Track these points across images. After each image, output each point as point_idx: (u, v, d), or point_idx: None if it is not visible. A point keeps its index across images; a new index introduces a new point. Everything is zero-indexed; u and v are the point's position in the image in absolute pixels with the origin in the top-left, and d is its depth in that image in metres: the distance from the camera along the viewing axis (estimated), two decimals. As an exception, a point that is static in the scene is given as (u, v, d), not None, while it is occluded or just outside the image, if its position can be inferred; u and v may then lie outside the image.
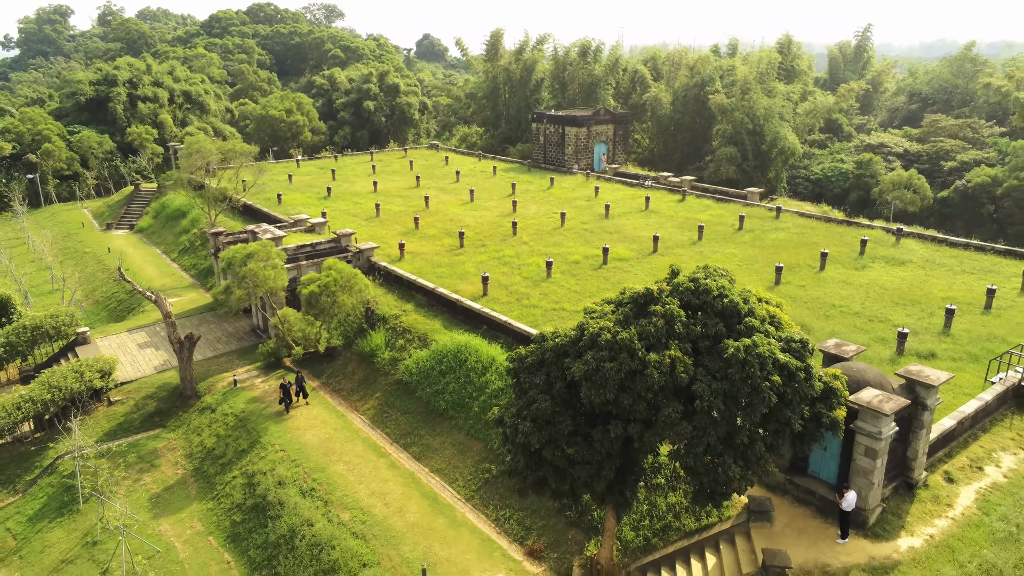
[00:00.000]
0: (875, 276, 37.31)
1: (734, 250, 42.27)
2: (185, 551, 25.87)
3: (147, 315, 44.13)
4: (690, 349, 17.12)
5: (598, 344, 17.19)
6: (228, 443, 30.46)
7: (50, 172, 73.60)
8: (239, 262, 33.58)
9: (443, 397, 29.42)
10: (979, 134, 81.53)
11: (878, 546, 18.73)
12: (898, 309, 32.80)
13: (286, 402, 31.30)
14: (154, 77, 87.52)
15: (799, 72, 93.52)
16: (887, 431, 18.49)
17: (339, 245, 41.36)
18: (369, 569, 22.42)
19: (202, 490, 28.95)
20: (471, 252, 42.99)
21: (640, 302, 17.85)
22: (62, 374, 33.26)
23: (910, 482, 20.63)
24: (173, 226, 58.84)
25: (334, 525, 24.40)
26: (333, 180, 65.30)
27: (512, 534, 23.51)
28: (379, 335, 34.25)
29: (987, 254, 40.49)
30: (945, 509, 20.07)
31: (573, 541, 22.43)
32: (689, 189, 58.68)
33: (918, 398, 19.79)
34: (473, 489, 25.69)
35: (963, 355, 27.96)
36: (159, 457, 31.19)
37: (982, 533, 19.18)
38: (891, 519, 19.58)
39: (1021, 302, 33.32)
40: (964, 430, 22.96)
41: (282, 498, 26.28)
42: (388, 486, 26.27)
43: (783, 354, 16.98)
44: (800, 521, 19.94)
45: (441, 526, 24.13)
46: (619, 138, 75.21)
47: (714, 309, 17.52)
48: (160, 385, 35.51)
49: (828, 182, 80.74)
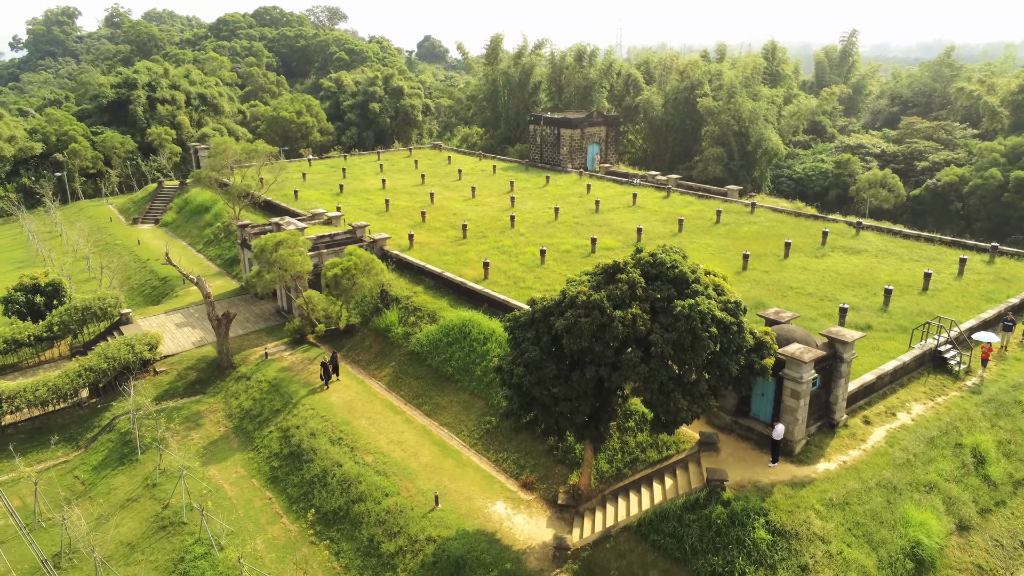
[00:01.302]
0: (832, 263, 42.04)
1: (710, 241, 46.99)
2: (232, 491, 30.56)
3: (180, 299, 48.81)
4: (648, 308, 21.81)
5: (576, 304, 21.89)
6: (263, 405, 35.16)
7: (76, 170, 78.27)
8: (271, 249, 38.29)
9: (450, 364, 34.14)
10: (952, 136, 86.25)
11: (800, 468, 23.44)
12: (847, 291, 37.53)
13: (326, 379, 35.42)
14: (171, 80, 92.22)
15: (783, 76, 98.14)
16: (807, 376, 23.19)
17: (355, 236, 46.02)
18: (390, 498, 27.12)
19: (243, 443, 33.64)
20: (473, 242, 47.70)
21: (609, 272, 22.58)
22: (116, 347, 38.00)
23: (832, 422, 25.35)
24: (197, 220, 63.52)
25: (360, 466, 29.12)
26: (344, 178, 69.97)
27: (509, 471, 28.21)
28: (393, 313, 38.98)
29: (935, 244, 45.23)
30: (859, 443, 24.79)
31: (559, 475, 27.15)
32: (674, 187, 63.37)
33: (836, 352, 24.50)
34: (476, 437, 30.40)
35: (895, 327, 32.68)
36: (203, 417, 35.87)
37: (885, 460, 23.92)
38: (813, 449, 24.30)
39: (955, 285, 38.06)
40: (884, 384, 27.67)
41: (314, 446, 30.99)
42: (404, 436, 30.99)
43: (721, 312, 21.71)
44: (741, 452, 24.65)
45: (449, 466, 28.83)
46: (611, 139, 79.87)
47: (667, 277, 22.22)
48: (199, 358, 40.21)
49: (809, 181, 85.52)
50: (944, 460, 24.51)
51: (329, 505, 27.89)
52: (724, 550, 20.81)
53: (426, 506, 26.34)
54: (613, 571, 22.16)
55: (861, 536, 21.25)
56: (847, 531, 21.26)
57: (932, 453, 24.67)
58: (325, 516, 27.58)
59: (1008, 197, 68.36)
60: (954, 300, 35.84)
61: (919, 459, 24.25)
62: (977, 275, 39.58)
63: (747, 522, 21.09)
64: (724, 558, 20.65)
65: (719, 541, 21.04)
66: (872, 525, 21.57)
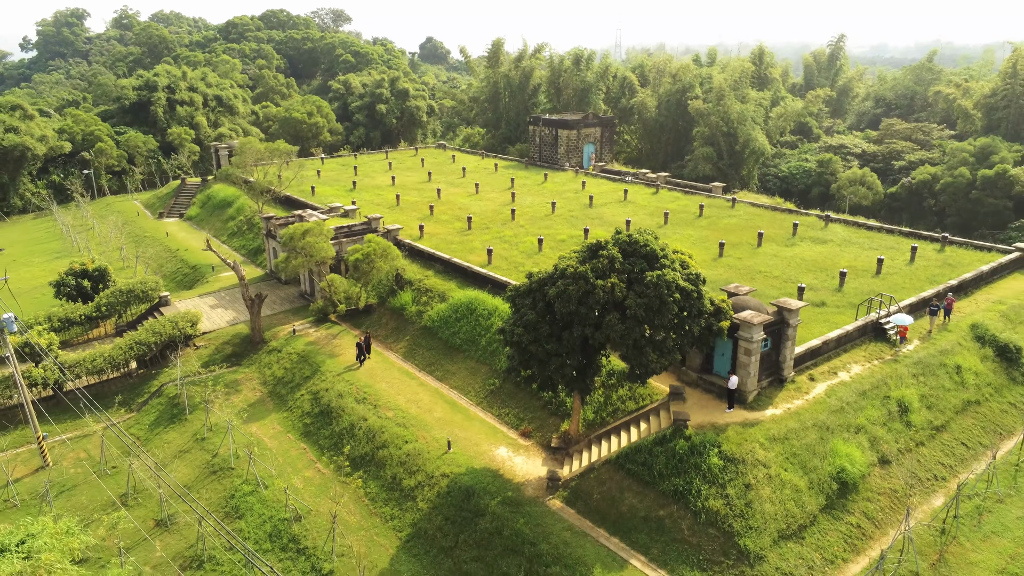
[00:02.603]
0: (799, 251, 46.90)
1: (691, 232, 51.86)
2: (271, 443, 35.42)
3: (211, 285, 53.68)
4: (625, 279, 26.64)
5: (565, 275, 26.75)
6: (294, 373, 40.02)
7: (103, 168, 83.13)
8: (299, 237, 43.16)
9: (458, 336, 39.01)
10: (929, 137, 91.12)
11: (751, 413, 28.30)
12: (809, 274, 42.38)
13: (361, 358, 39.56)
14: (189, 83, 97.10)
15: (771, 80, 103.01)
16: (757, 337, 28.04)
17: (370, 226, 50.84)
18: (409, 444, 31.98)
19: (277, 405, 38.50)
20: (477, 233, 52.55)
21: (593, 249, 27.44)
22: (162, 323, 42.90)
23: (782, 378, 30.21)
24: (220, 214, 68.37)
25: (382, 420, 33.99)
26: (355, 175, 74.84)
27: (509, 423, 33.08)
28: (407, 294, 43.85)
29: (894, 235, 50.10)
30: (803, 395, 29.64)
31: (552, 424, 32.02)
32: (662, 184, 68.23)
33: (783, 318, 29.36)
34: (481, 397, 35.26)
35: (846, 304, 37.53)
36: (240, 384, 40.72)
37: (822, 407, 28.79)
38: (764, 399, 29.15)
39: (905, 269, 42.92)
40: (829, 349, 32.52)
41: (342, 405, 35.86)
42: (419, 396, 35.86)
43: (684, 281, 26.56)
44: (704, 401, 29.50)
45: (459, 420, 33.69)
46: (605, 139, 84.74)
47: (641, 254, 27.07)
48: (233, 335, 45.07)
49: (794, 179, 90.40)
50: (872, 408, 29.39)
51: (357, 452, 32.74)
52: (685, 473, 25.69)
53: (440, 450, 31.19)
54: (596, 495, 27.04)
55: (796, 463, 26.13)
56: (785, 459, 26.14)
57: (863, 403, 29.55)
58: (354, 461, 32.41)
59: (976, 194, 73.21)
60: (902, 282, 40.69)
61: (851, 407, 29.13)
62: (927, 261, 44.44)
63: (704, 451, 25.96)
64: (684, 479, 25.53)
65: (681, 466, 25.92)
66: (806, 455, 26.45)
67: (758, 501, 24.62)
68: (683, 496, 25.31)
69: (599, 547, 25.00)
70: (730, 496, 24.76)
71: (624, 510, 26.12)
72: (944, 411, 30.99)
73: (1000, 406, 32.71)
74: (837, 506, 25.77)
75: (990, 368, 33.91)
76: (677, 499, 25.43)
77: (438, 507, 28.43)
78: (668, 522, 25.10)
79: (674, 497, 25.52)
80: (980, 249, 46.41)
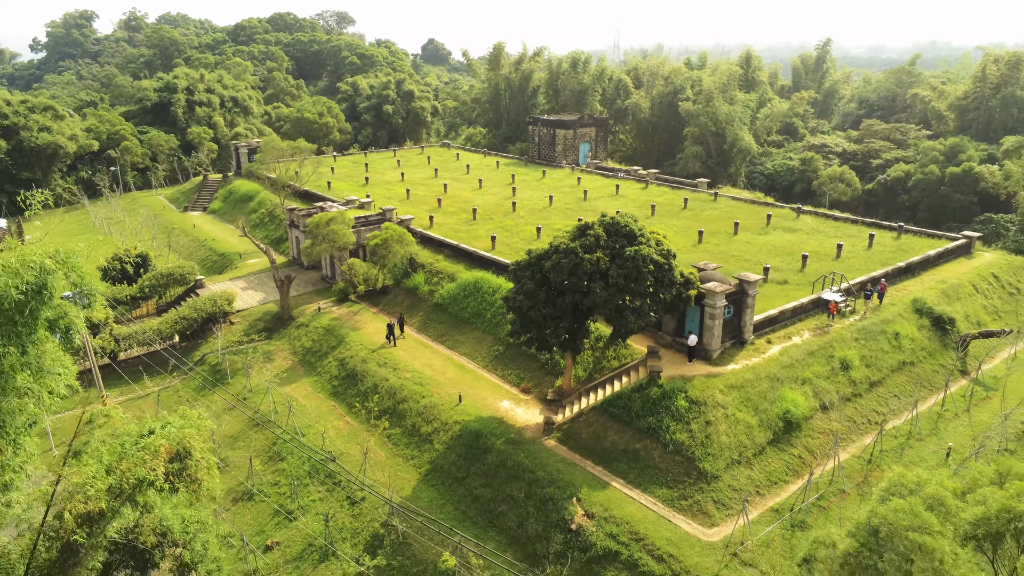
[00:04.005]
0: (771, 239, 52.29)
1: (676, 222, 57.25)
2: (304, 401, 40.79)
3: (239, 270, 59.06)
4: (608, 253, 32.00)
5: (559, 251, 32.13)
6: (321, 343, 45.40)
7: (128, 165, 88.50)
8: (324, 224, 48.54)
9: (466, 311, 44.40)
10: (906, 137, 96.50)
11: (715, 368, 33.67)
12: (776, 258, 47.76)
13: (392, 337, 43.93)
14: (207, 84, 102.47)
15: (758, 82, 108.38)
16: (720, 304, 33.42)
17: (385, 217, 56.18)
18: (426, 399, 37.36)
19: (307, 371, 43.88)
20: (482, 223, 57.92)
21: (582, 229, 32.83)
22: (203, 301, 48.29)
23: (743, 340, 35.60)
24: (242, 207, 73.73)
25: (402, 380, 39.37)
26: (367, 172, 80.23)
27: (511, 382, 38.46)
28: (419, 275, 49.23)
29: (857, 225, 55.51)
30: (760, 354, 35.02)
31: (548, 382, 37.41)
32: (652, 180, 73.64)
33: (744, 289, 34.73)
34: (487, 361, 40.65)
35: (805, 282, 42.90)
36: (273, 355, 46.11)
37: (775, 363, 34.20)
38: (727, 357, 34.54)
39: (863, 254, 48.31)
40: (786, 318, 37.91)
41: (366, 369, 41.25)
42: (433, 361, 41.23)
43: (657, 256, 31.95)
44: (676, 359, 34.87)
45: (468, 380, 39.06)
46: (600, 138, 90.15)
47: (621, 233, 32.45)
48: (264, 312, 50.44)
49: (778, 176, 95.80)
50: (818, 365, 34.81)
51: (380, 406, 38.08)
52: (657, 414, 31.09)
53: (453, 403, 36.56)
54: (584, 434, 32.45)
55: (749, 405, 31.54)
56: (740, 403, 31.55)
57: (810, 360, 34.96)
58: (378, 414, 37.80)
59: (944, 190, 78.66)
60: (857, 264, 46.09)
61: (800, 364, 34.54)
62: (883, 247, 49.84)
63: (673, 396, 31.37)
64: (656, 418, 30.93)
65: (654, 408, 31.32)
66: (757, 399, 31.87)
67: (716, 434, 30.03)
68: (655, 432, 30.72)
69: (586, 474, 30.40)
70: (693, 431, 30.18)
71: (607, 445, 31.54)
72: (881, 369, 36.42)
73: (932, 367, 38.14)
74: (782, 441, 31.20)
75: (925, 335, 39.34)
76: (650, 434, 30.84)
77: (452, 447, 33.84)
78: (643, 452, 30.52)
79: (648, 433, 30.92)
80: (932, 237, 51.82)
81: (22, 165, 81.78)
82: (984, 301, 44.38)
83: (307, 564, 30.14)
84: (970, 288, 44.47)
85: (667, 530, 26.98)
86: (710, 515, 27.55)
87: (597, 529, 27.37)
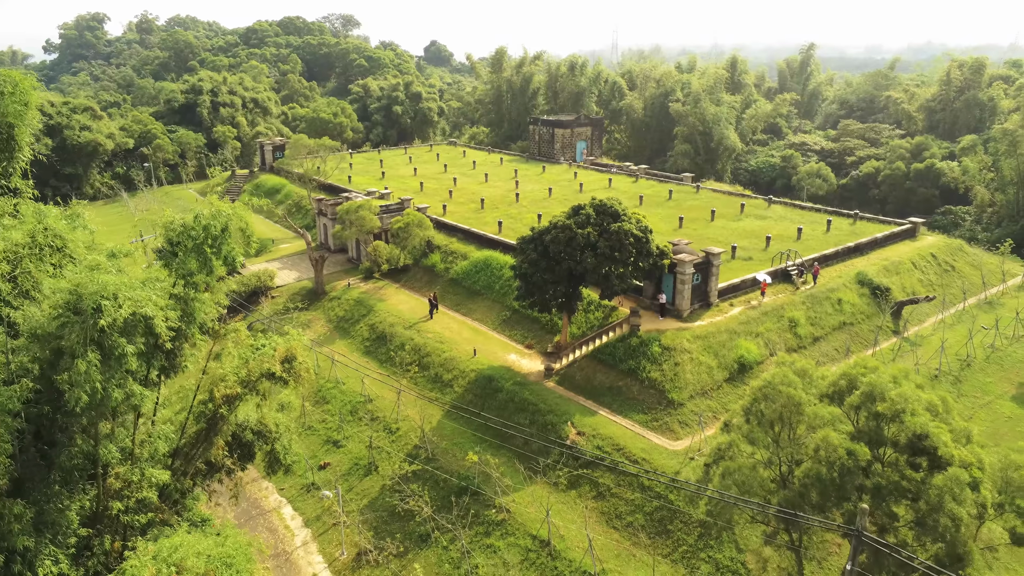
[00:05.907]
0: (743, 225, 59.73)
1: (661, 211, 64.67)
2: (341, 359, 48.19)
3: (275, 253, 66.46)
4: (597, 229, 39.38)
5: (556, 227, 39.54)
6: (353, 312, 52.81)
7: (160, 162, 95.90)
8: (353, 211, 55.95)
9: (478, 284, 51.83)
10: (880, 136, 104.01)
11: (684, 324, 41.11)
12: (746, 239, 55.17)
13: (431, 311, 51.40)
14: (229, 87, 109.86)
15: (744, 85, 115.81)
16: (689, 271, 40.85)
17: (403, 205, 63.53)
18: (446, 353, 44.78)
19: (342, 335, 51.27)
20: (489, 211, 65.35)
21: (576, 209, 40.26)
22: (247, 277, 55.71)
23: (709, 303, 43.04)
24: (270, 199, 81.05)
25: (425, 339, 46.79)
26: (382, 167, 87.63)
27: (517, 340, 45.87)
28: (436, 255, 56.66)
29: (820, 213, 62.99)
30: (723, 314, 42.45)
31: (548, 339, 44.82)
32: (642, 174, 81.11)
33: (709, 260, 42.17)
34: (496, 324, 48.07)
35: (767, 259, 50.34)
36: (311, 323, 53.50)
37: (735, 321, 41.64)
38: (695, 316, 41.98)
39: (821, 237, 55.75)
40: (746, 286, 45.33)
41: (393, 332, 48.66)
42: (450, 325, 48.65)
43: (637, 231, 39.37)
44: (653, 318, 42.30)
45: (481, 339, 46.46)
46: (595, 137, 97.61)
47: (608, 212, 39.87)
48: (300, 288, 57.85)
49: (761, 172, 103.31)
50: (770, 322, 42.26)
51: (407, 360, 45.51)
52: (636, 358, 38.53)
53: (468, 356, 43.96)
54: (577, 376, 39.89)
55: (711, 352, 38.98)
56: (703, 349, 38.99)
57: (764, 319, 42.41)
58: (405, 366, 45.21)
59: (910, 184, 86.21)
60: (814, 245, 53.53)
61: (755, 322, 42.00)
62: (840, 231, 57.28)
63: (649, 344, 38.81)
64: (635, 361, 38.38)
65: (634, 354, 38.76)
66: (718, 347, 39.32)
67: (683, 373, 37.48)
68: (634, 372, 38.17)
69: (579, 405, 37.83)
70: (664, 370, 37.63)
71: (595, 384, 38.99)
72: (824, 328, 43.89)
73: (868, 328, 45.61)
74: (736, 379, 38.66)
75: (865, 302, 46.83)
76: (630, 374, 38.29)
77: (468, 389, 41.29)
78: (624, 388, 37.98)
79: (628, 373, 38.37)
80: (883, 223, 59.30)
81: (65, 161, 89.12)
82: (921, 276, 51.86)
83: (355, 477, 37.58)
84: (909, 264, 51.94)
85: (642, 443, 34.44)
86: (675, 432, 35.03)
87: (587, 443, 34.83)
